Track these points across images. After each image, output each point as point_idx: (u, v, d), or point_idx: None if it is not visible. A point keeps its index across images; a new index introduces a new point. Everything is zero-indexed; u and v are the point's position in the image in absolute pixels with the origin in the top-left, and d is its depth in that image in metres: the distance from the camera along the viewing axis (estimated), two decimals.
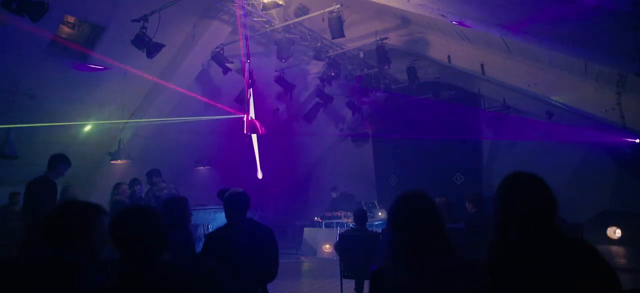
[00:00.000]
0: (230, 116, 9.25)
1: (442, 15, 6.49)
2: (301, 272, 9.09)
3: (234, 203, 3.33)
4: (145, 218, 1.83)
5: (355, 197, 12.06)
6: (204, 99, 9.19)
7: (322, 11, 7.77)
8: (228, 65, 8.55)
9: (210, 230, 7.91)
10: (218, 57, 8.62)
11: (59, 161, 5.42)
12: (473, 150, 12.56)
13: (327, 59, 9.42)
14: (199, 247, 3.43)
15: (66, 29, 7.25)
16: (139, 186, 7.28)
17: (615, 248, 9.08)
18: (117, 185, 6.99)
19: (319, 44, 9.02)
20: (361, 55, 9.88)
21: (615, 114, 7.37)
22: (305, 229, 11.34)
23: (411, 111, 12.88)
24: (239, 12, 7.70)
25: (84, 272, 1.80)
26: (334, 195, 11.89)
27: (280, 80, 10.03)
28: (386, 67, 9.55)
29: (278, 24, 8.25)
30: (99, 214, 1.97)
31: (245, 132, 8.12)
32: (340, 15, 7.55)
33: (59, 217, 1.90)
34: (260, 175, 9.09)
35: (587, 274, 1.68)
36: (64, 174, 5.53)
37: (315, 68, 10.86)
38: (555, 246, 1.77)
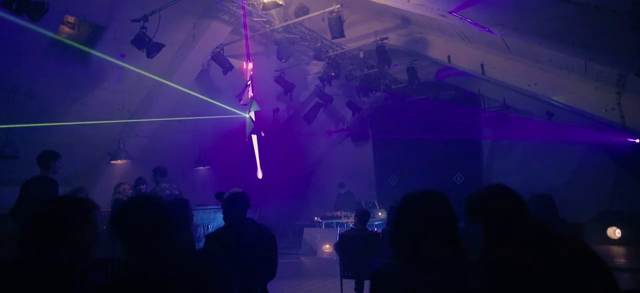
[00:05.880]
0: (231, 116, 9.25)
1: (442, 15, 6.49)
2: (301, 272, 9.09)
3: (234, 204, 3.35)
4: (151, 206, 1.83)
5: (355, 196, 12.07)
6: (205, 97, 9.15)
7: (322, 11, 7.77)
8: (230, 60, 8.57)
9: (210, 230, 7.91)
10: (218, 57, 8.62)
11: (50, 158, 5.33)
12: (473, 150, 12.56)
13: (327, 59, 9.42)
14: (198, 248, 3.44)
15: (66, 29, 7.25)
16: (144, 185, 7.29)
17: (615, 248, 9.09)
18: (119, 185, 7.01)
19: (319, 44, 9.02)
20: (361, 55, 9.88)
21: (615, 114, 7.37)
22: (305, 229, 11.34)
23: (411, 111, 12.89)
24: (239, 12, 7.70)
25: (79, 274, 1.77)
26: (341, 191, 11.93)
27: (280, 80, 10.03)
28: (386, 67, 9.55)
29: (278, 24, 8.25)
30: (89, 210, 1.91)
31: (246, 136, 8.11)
32: (340, 15, 7.55)
33: (49, 213, 1.85)
34: (260, 175, 9.08)
35: (585, 273, 1.68)
36: (59, 170, 5.47)
37: (315, 68, 10.85)
38: (553, 246, 1.77)
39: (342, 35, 7.70)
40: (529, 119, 11.16)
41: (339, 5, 7.55)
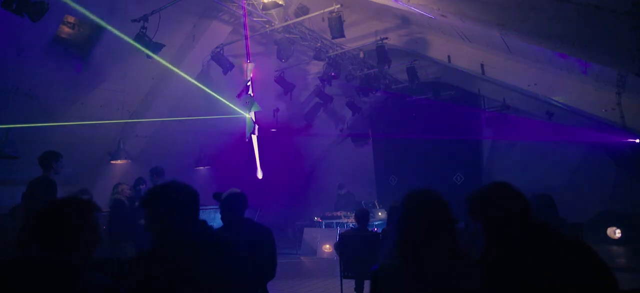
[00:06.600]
0: (231, 116, 9.23)
1: (442, 15, 6.49)
2: (301, 272, 9.09)
3: (232, 204, 3.34)
4: (181, 188, 2.10)
5: (355, 196, 12.08)
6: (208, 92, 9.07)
7: (322, 11, 7.77)
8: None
9: None
10: (218, 57, 8.62)
11: (51, 158, 5.34)
12: (473, 150, 12.56)
13: (327, 59, 9.42)
14: None
15: (66, 29, 7.25)
16: (143, 185, 7.29)
17: (615, 248, 9.08)
18: (117, 185, 7.00)
19: (319, 44, 9.02)
20: (361, 55, 9.88)
21: (615, 114, 7.37)
22: (305, 229, 11.34)
23: (411, 111, 12.88)
24: (239, 12, 7.70)
25: (81, 274, 1.78)
26: (341, 192, 11.94)
27: (280, 80, 10.03)
28: (386, 67, 9.55)
29: (278, 24, 8.25)
30: (90, 211, 1.93)
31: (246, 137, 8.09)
32: (340, 15, 7.55)
33: (48, 215, 1.87)
34: (260, 176, 9.07)
35: (585, 273, 1.68)
36: (61, 170, 5.49)
37: (315, 68, 10.85)
38: (552, 246, 1.77)
39: (342, 35, 7.70)
40: (529, 119, 11.15)
41: (339, 5, 7.55)
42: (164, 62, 7.80)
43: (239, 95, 7.82)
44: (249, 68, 7.69)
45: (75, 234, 1.84)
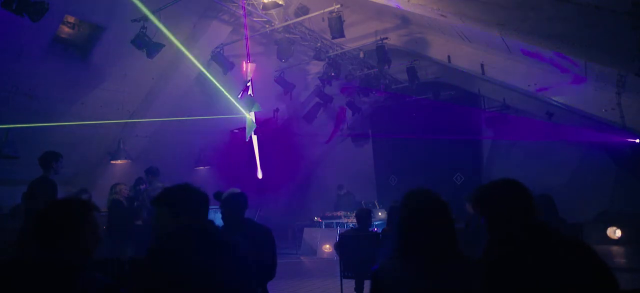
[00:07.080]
0: (231, 116, 9.24)
1: (442, 16, 6.49)
2: (301, 272, 9.09)
3: (233, 204, 3.34)
4: (191, 188, 2.18)
5: (355, 196, 12.08)
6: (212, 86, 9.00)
7: (322, 11, 7.77)
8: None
9: None
10: (218, 57, 8.62)
11: (51, 159, 5.34)
12: (473, 150, 12.55)
13: (327, 59, 9.42)
14: None
15: (66, 29, 7.25)
16: (144, 185, 7.30)
17: (615, 248, 9.08)
18: (115, 186, 7.00)
19: (319, 44, 9.02)
20: (361, 55, 9.89)
21: (615, 114, 7.37)
22: (305, 229, 11.33)
23: (411, 111, 12.88)
24: (239, 12, 7.70)
25: (81, 273, 1.78)
26: (341, 192, 11.95)
27: (280, 80, 10.03)
28: (386, 67, 9.56)
29: (278, 24, 8.25)
30: (89, 211, 1.94)
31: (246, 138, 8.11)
32: (340, 15, 7.56)
33: (48, 215, 1.87)
34: (260, 175, 9.08)
35: (586, 274, 1.68)
36: (61, 170, 5.49)
37: (315, 68, 10.86)
38: (552, 246, 1.77)
39: (342, 35, 7.71)
40: (529, 119, 11.15)
41: (339, 5, 7.55)
42: (179, 44, 7.69)
43: (240, 96, 7.84)
44: (250, 68, 7.70)
45: (75, 234, 1.84)
